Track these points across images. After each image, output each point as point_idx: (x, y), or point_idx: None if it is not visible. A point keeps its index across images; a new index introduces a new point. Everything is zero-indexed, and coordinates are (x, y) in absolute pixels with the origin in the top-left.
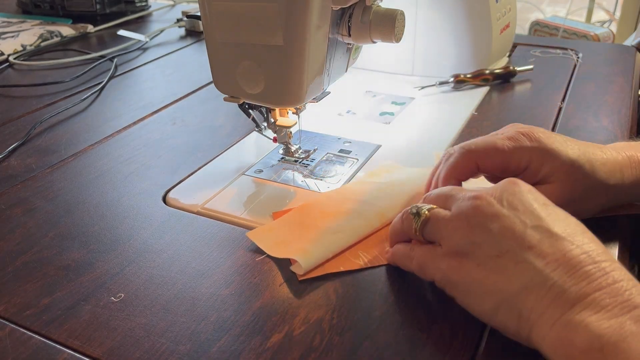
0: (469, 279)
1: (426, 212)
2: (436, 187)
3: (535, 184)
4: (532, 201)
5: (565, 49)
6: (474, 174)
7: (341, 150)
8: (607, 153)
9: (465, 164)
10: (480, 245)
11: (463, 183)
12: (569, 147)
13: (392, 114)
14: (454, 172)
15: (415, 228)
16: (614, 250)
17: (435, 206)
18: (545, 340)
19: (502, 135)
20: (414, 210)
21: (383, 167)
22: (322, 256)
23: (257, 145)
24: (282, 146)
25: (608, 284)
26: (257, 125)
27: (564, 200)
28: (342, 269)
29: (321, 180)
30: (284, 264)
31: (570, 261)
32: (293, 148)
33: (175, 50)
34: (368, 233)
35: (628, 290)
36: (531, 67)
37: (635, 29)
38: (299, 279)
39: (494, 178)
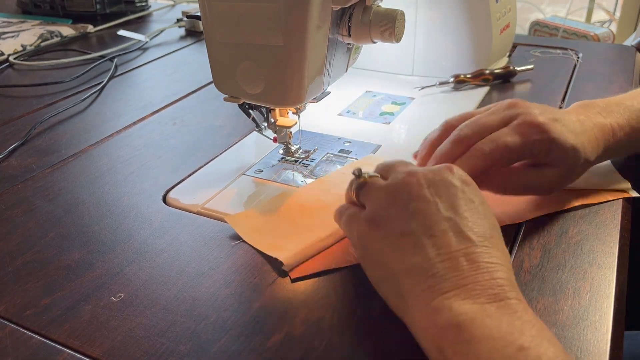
0: (370, 246)
1: (366, 176)
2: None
3: (534, 165)
4: (459, 193)
5: (565, 49)
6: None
7: (341, 150)
8: (590, 128)
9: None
10: (392, 220)
11: None
12: (568, 132)
13: (392, 114)
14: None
15: (352, 188)
16: (615, 244)
17: (378, 175)
18: (415, 322)
19: (509, 129)
20: (356, 173)
21: (366, 159)
22: (299, 252)
23: (257, 145)
24: (282, 146)
25: (485, 279)
26: (257, 125)
27: (560, 180)
28: (333, 266)
29: (326, 175)
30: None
31: (459, 258)
32: (293, 148)
33: (175, 50)
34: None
35: (501, 286)
36: (531, 66)
37: (635, 29)
38: (291, 277)
39: None
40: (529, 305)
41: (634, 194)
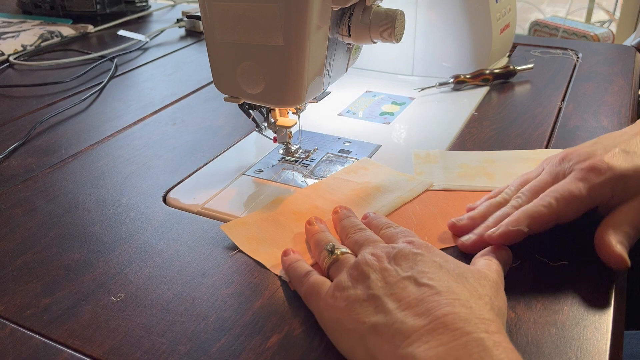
0: (334, 317)
1: (339, 253)
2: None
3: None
4: (419, 257)
5: (565, 49)
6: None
7: (341, 150)
8: None
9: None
10: (355, 289)
11: None
12: (635, 157)
13: (392, 114)
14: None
15: (325, 263)
16: None
17: (350, 252)
18: None
19: (570, 179)
20: (329, 248)
21: (359, 163)
22: None
23: (257, 145)
24: (282, 146)
25: (444, 314)
26: (257, 125)
27: None
28: None
29: (321, 180)
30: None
31: (419, 302)
32: (293, 148)
33: (175, 50)
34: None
35: (466, 320)
36: (531, 66)
37: (635, 29)
38: (292, 288)
39: None
40: (506, 335)
41: None
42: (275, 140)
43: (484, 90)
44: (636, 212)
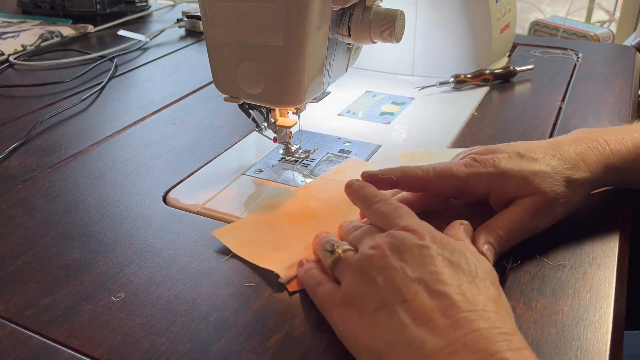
0: (350, 331)
1: (340, 252)
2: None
3: (509, 203)
4: (425, 251)
5: (565, 49)
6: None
7: (341, 150)
8: (566, 150)
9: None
10: (364, 297)
11: None
12: (529, 162)
13: (392, 114)
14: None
15: (328, 266)
16: (615, 244)
17: (351, 248)
18: None
19: (460, 161)
20: (329, 247)
21: (348, 162)
22: (294, 265)
23: (257, 145)
24: (282, 146)
25: (465, 333)
26: (257, 125)
27: (543, 208)
28: None
29: (311, 181)
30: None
31: (435, 315)
32: (293, 148)
33: (175, 50)
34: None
35: (488, 338)
36: (531, 67)
37: (635, 29)
38: (290, 289)
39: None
40: (529, 349)
41: None
42: (275, 140)
43: (484, 90)
44: (511, 218)
